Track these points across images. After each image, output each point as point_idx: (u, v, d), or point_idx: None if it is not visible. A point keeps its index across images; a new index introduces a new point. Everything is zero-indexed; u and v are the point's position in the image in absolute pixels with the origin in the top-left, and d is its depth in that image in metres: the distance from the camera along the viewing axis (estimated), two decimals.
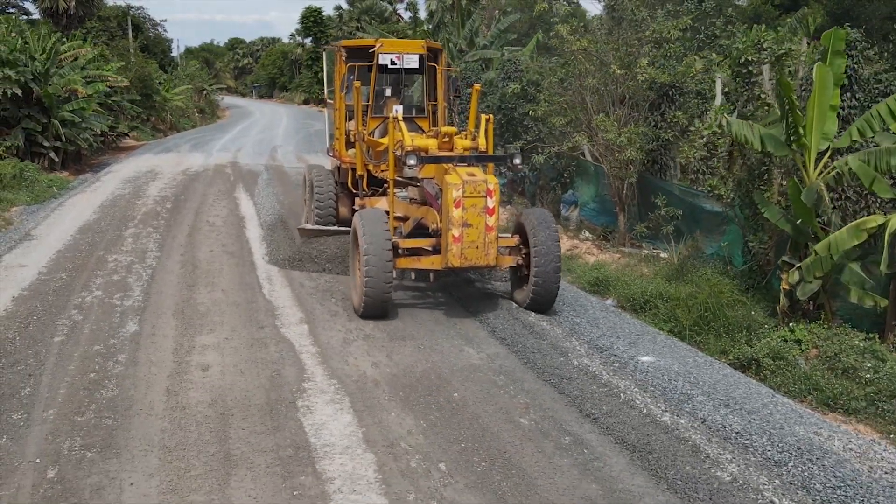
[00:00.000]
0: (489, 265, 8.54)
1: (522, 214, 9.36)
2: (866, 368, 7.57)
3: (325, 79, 13.65)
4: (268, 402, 6.54)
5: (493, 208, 8.39)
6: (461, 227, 8.29)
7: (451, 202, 8.26)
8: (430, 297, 9.90)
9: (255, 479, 5.25)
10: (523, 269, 9.20)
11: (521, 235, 9.23)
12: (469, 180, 8.31)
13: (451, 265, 8.39)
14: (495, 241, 8.48)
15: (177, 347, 7.82)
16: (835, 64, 9.03)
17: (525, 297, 9.10)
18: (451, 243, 8.32)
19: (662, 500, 5.11)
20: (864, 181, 8.51)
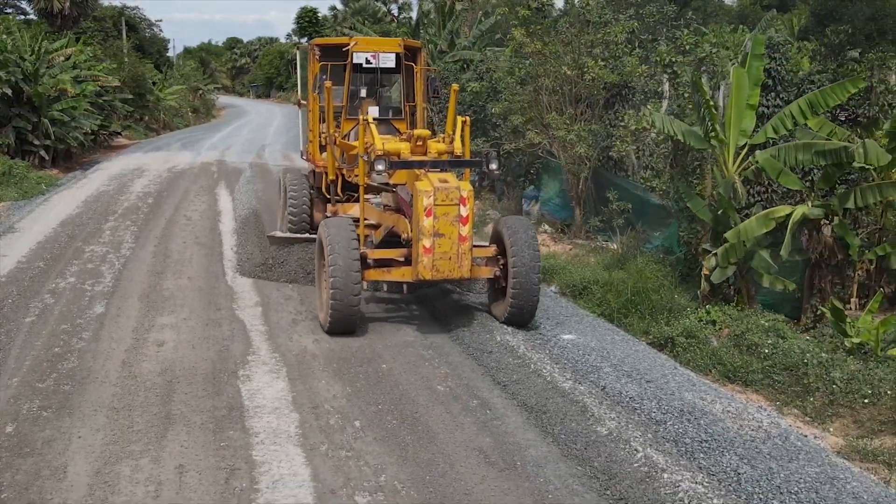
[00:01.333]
0: (463, 277, 8.13)
1: (500, 222, 8.86)
2: (767, 345, 8.27)
3: (298, 79, 13.54)
4: (213, 371, 7.26)
5: (467, 217, 7.94)
6: (432, 237, 7.83)
7: (422, 211, 7.80)
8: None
9: (190, 433, 5.97)
10: (501, 281, 8.70)
11: (499, 244, 8.74)
12: (441, 187, 7.85)
13: (423, 277, 7.95)
14: (469, 252, 8.04)
15: (137, 326, 8.54)
16: (754, 66, 9.72)
17: (503, 312, 8.62)
18: (421, 254, 7.86)
19: (544, 450, 5.83)
20: (771, 175, 9.23)
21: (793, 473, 5.62)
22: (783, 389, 7.65)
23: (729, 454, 5.87)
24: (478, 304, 9.61)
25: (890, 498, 5.44)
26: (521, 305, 8.42)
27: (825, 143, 9.11)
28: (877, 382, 7.26)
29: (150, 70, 46.41)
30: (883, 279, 9.91)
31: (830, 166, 9.22)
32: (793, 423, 7.03)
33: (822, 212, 9.24)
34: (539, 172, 16.88)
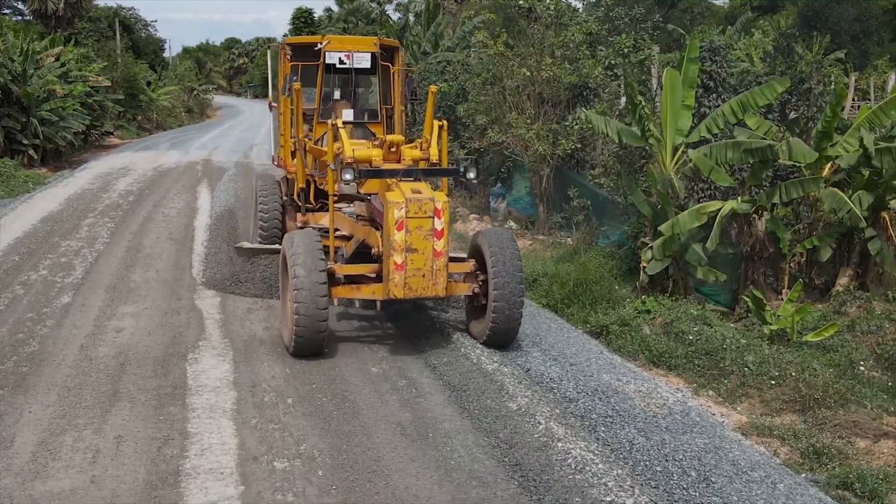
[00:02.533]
0: (438, 296, 7.55)
1: (479, 234, 8.24)
2: (692, 332, 8.77)
3: (270, 80, 12.76)
4: (164, 355, 7.75)
5: (442, 231, 7.43)
6: (404, 252, 7.30)
7: (393, 224, 7.28)
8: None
9: (133, 408, 6.47)
10: (480, 298, 8.15)
11: (478, 259, 8.16)
12: (413, 198, 7.32)
13: (394, 296, 7.39)
14: (444, 269, 7.49)
15: (99, 315, 9.04)
16: (690, 69, 10.22)
17: (482, 332, 8.04)
18: (392, 271, 7.33)
19: (458, 424, 6.33)
20: (703, 171, 9.73)
21: (682, 444, 6.13)
22: (702, 373, 8.16)
23: (628, 428, 6.37)
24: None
25: (765, 464, 5.94)
26: (502, 326, 7.80)
27: (752, 141, 9.61)
28: (784, 365, 7.77)
29: (143, 70, 46.93)
30: (813, 271, 10.43)
31: (757, 163, 9.72)
32: (704, 402, 7.55)
33: (750, 206, 9.74)
34: (510, 171, 17.40)
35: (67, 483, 5.24)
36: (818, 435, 6.67)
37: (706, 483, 5.54)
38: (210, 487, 5.23)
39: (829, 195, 9.64)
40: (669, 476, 5.56)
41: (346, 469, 5.53)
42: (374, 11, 67.05)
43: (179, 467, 5.50)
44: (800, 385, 7.41)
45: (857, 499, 5.77)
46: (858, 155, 9.66)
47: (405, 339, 8.48)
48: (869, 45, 50.34)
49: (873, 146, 9.55)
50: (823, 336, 8.50)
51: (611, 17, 19.10)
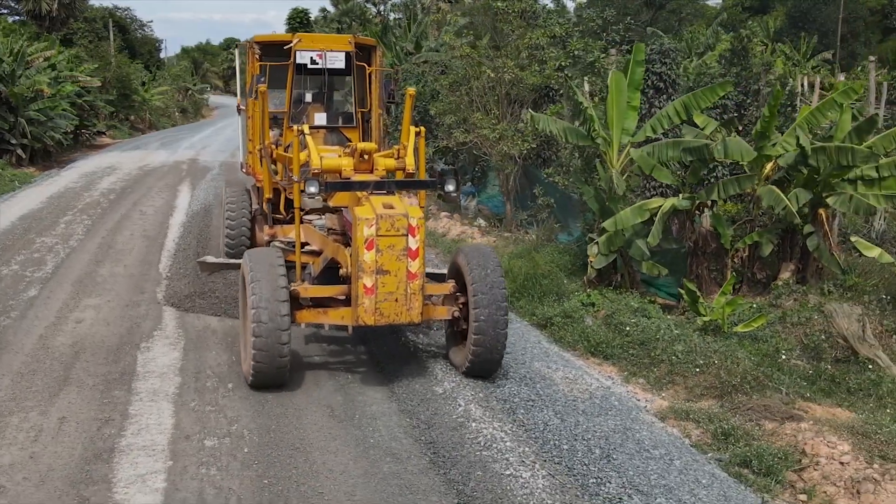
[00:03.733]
0: (412, 322, 6.91)
1: (460, 253, 7.57)
2: (630, 323, 9.15)
3: (238, 81, 12.33)
4: (118, 344, 8.14)
5: (417, 250, 6.74)
6: (374, 274, 6.65)
7: (362, 242, 6.64)
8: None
9: (80, 392, 6.86)
10: (461, 323, 7.45)
11: (458, 279, 7.48)
12: (385, 214, 6.68)
13: (364, 323, 6.76)
14: (420, 292, 6.83)
15: (62, 307, 9.43)
16: (635, 71, 10.59)
17: (462, 361, 7.36)
18: (362, 295, 6.67)
19: (385, 407, 6.72)
20: (645, 170, 10.11)
21: (594, 426, 6.51)
22: (635, 361, 8.53)
23: (546, 411, 6.76)
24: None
25: (669, 444, 6.34)
26: (483, 356, 7.15)
27: (690, 140, 9.99)
28: (710, 354, 8.14)
29: (138, 70, 47.33)
30: (755, 266, 10.81)
31: (696, 161, 10.10)
32: (632, 389, 7.92)
33: (690, 203, 10.12)
34: (484, 170, 17.79)
35: (7, 458, 5.63)
36: (730, 418, 7.03)
37: (607, 459, 5.92)
38: (140, 462, 5.62)
39: (767, 192, 10.01)
40: (574, 453, 5.94)
41: (271, 446, 5.91)
42: (368, 12, 67.41)
43: (115, 445, 5.89)
44: (721, 372, 7.78)
45: (753, 475, 6.13)
46: (796, 154, 10.03)
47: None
48: (856, 46, 50.74)
49: (810, 145, 9.91)
50: (752, 327, 8.87)
51: (583, 20, 19.50)
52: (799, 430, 6.71)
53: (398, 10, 59.53)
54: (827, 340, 8.83)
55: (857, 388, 7.98)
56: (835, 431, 6.59)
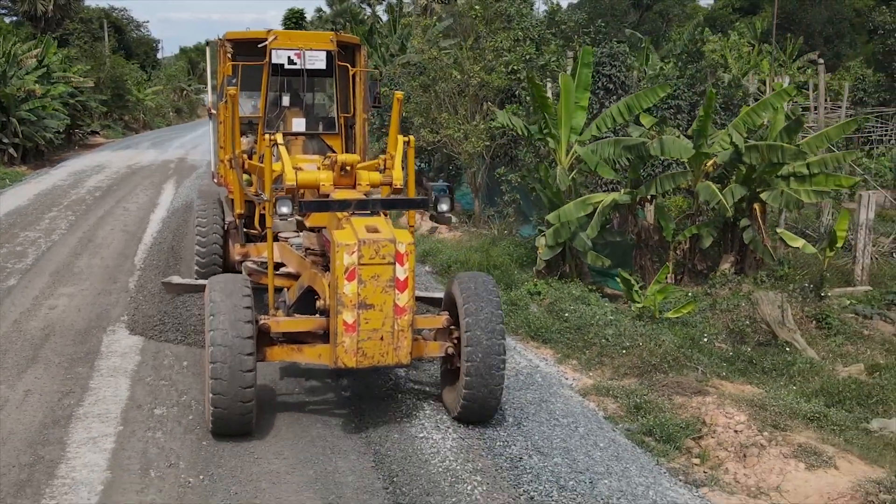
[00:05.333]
0: (400, 363, 6.08)
1: (454, 281, 6.68)
2: (570, 310, 9.76)
3: (208, 82, 11.46)
4: (86, 328, 8.76)
5: (406, 280, 5.91)
6: (356, 308, 5.82)
7: (342, 272, 5.80)
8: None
9: (46, 369, 7.48)
10: (455, 360, 6.58)
11: (453, 311, 6.63)
12: (368, 240, 5.85)
13: (343, 364, 5.91)
14: (409, 329, 5.99)
15: (38, 295, 10.05)
16: (583, 73, 11.21)
17: (454, 404, 6.56)
18: (342, 333, 5.84)
19: (329, 382, 7.34)
20: (590, 166, 10.73)
21: (514, 398, 7.14)
22: (570, 344, 9.15)
23: None
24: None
25: (579, 414, 6.97)
26: (476, 399, 6.34)
27: (628, 139, 10.62)
28: (637, 337, 8.75)
29: (133, 71, 47.91)
30: (696, 257, 11.44)
31: (636, 158, 10.73)
32: (564, 369, 8.54)
33: (630, 198, 10.75)
34: (458, 168, 18.41)
35: None
36: (646, 394, 7.64)
37: (517, 426, 6.55)
38: (93, 427, 6.24)
39: (704, 188, 10.64)
40: (488, 421, 6.56)
41: None
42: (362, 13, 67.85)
43: (72, 413, 6.51)
44: (644, 353, 8.40)
45: (655, 442, 6.75)
46: (731, 152, 10.66)
47: None
48: (841, 47, 51.34)
49: (743, 144, 10.54)
50: (682, 313, 9.49)
51: (555, 22, 20.12)
52: (703, 404, 7.32)
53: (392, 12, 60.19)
54: (751, 325, 9.45)
55: (772, 368, 8.61)
56: (735, 404, 7.21)
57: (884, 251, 13.52)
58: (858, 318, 10.53)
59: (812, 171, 10.71)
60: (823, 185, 10.79)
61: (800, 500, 5.95)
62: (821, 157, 10.73)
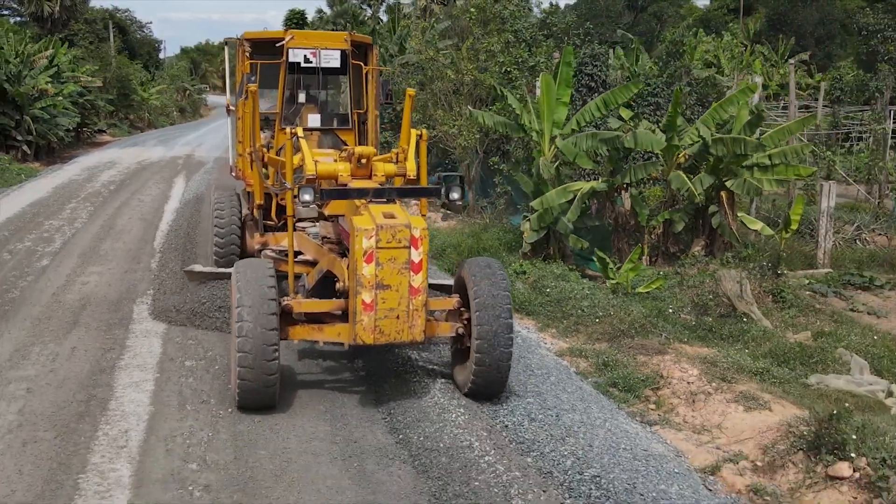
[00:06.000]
0: (415, 341, 6.50)
1: (465, 265, 7.20)
2: (552, 286, 10.81)
3: (227, 80, 12.25)
4: (118, 299, 9.81)
5: (420, 263, 6.37)
6: (374, 289, 6.24)
7: (361, 255, 6.23)
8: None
9: (87, 331, 8.53)
10: (465, 340, 7.01)
11: (463, 294, 7.08)
12: (385, 224, 6.27)
13: (362, 341, 6.35)
14: (423, 308, 6.42)
15: (71, 273, 11.10)
16: (564, 71, 12.25)
17: (465, 381, 7.00)
18: (360, 311, 6.26)
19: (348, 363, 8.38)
20: (569, 157, 11.78)
21: None
22: (550, 316, 10.20)
23: None
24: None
25: (554, 368, 8.02)
26: (485, 376, 6.80)
27: (605, 132, 11.67)
28: (609, 308, 9.81)
29: (137, 71, 48.95)
30: (669, 241, 12.50)
31: (612, 150, 11.78)
32: (544, 336, 9.59)
33: (607, 186, 11.80)
34: (455, 163, 19.47)
35: (33, 372, 7.30)
36: (614, 354, 8.69)
37: None
38: (134, 374, 7.30)
39: (675, 177, 11.70)
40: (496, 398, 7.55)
41: None
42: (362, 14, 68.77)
43: (115, 364, 7.56)
44: (614, 321, 9.45)
45: (618, 392, 7.79)
46: (699, 144, 11.71)
47: None
48: (832, 47, 52.34)
49: (710, 137, 11.59)
50: (651, 288, 10.54)
51: (547, 24, 21.17)
52: (663, 361, 8.37)
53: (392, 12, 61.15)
54: (713, 299, 10.49)
55: (729, 335, 9.65)
56: (690, 361, 8.26)
57: (847, 238, 14.59)
58: (815, 295, 11.60)
59: (773, 162, 11.76)
60: (784, 174, 11.85)
61: (735, 435, 6.99)
62: (781, 149, 11.78)
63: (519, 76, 12.66)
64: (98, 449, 5.79)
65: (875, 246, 14.43)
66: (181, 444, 5.92)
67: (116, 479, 5.36)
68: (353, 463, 5.73)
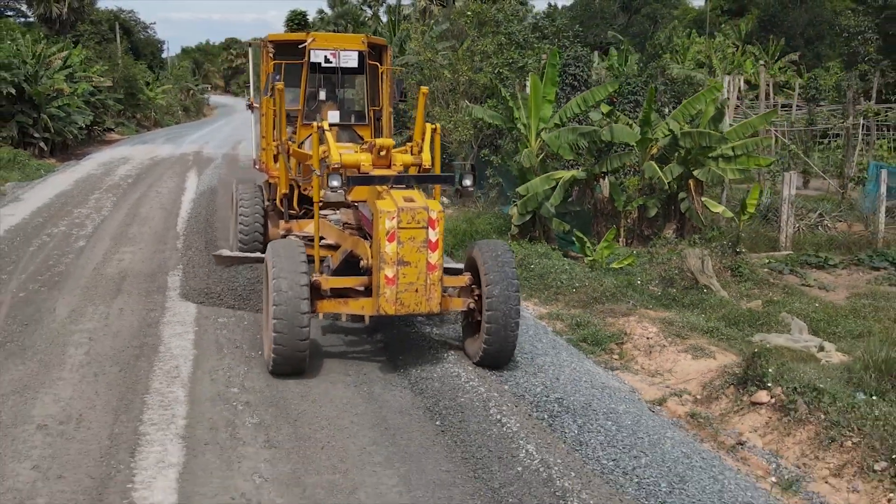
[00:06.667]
0: (432, 312, 7.24)
1: (475, 247, 7.90)
2: (535, 263, 12.14)
3: (251, 79, 13.11)
4: (152, 273, 11.15)
5: (437, 242, 7.06)
6: (396, 265, 6.92)
7: (384, 234, 6.90)
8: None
9: (130, 296, 9.87)
10: (476, 315, 7.73)
11: (474, 273, 7.81)
12: (406, 207, 6.94)
13: (385, 312, 7.06)
14: (439, 283, 7.14)
15: (107, 251, 12.44)
16: (550, 72, 13.57)
17: (476, 351, 7.68)
18: (383, 285, 6.96)
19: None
20: (553, 149, 13.12)
21: None
22: (533, 288, 11.52)
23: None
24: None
25: (534, 327, 9.34)
26: (496, 347, 7.48)
27: (583, 126, 13.01)
28: (585, 280, 11.15)
29: (142, 71, 50.27)
30: (643, 224, 13.84)
31: (590, 143, 13.13)
32: (527, 304, 10.90)
33: (586, 174, 13.14)
34: (452, 157, 20.81)
35: (90, 325, 8.65)
36: (587, 317, 10.02)
37: None
38: (176, 328, 8.63)
39: (648, 166, 13.03)
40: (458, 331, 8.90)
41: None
42: (362, 14, 70.04)
43: (158, 321, 8.90)
44: (589, 291, 10.79)
45: (587, 345, 9.13)
46: (669, 138, 13.04)
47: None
48: (821, 48, 53.69)
49: (679, 131, 12.93)
50: (624, 264, 11.87)
51: (539, 27, 22.51)
52: (628, 322, 9.71)
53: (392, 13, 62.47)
54: (679, 274, 11.81)
55: (690, 303, 10.97)
56: (651, 322, 9.59)
57: (810, 224, 15.92)
58: (773, 272, 12.92)
59: (736, 154, 13.09)
60: (745, 164, 13.18)
61: (682, 377, 8.34)
62: (742, 142, 13.11)
63: (510, 76, 13.95)
64: (156, 378, 7.13)
65: (836, 232, 15.75)
66: (222, 375, 7.26)
67: (174, 398, 6.70)
68: (363, 388, 7.07)
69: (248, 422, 6.29)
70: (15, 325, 8.65)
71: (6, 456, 5.61)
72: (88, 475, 5.37)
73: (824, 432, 6.58)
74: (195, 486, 5.27)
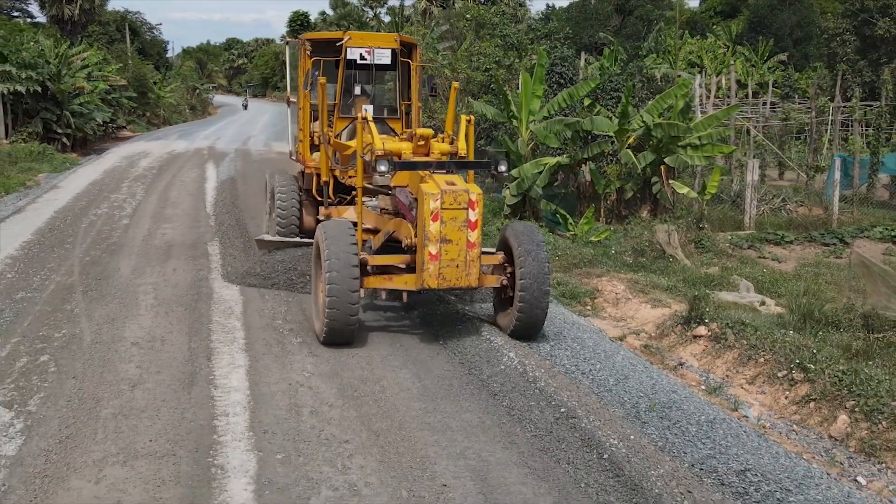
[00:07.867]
0: (471, 286, 7.79)
1: (508, 228, 8.59)
2: None
3: (288, 75, 13.65)
4: (193, 243, 12.93)
5: (476, 222, 7.63)
6: (439, 243, 7.48)
7: (428, 215, 7.45)
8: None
9: (178, 260, 11.66)
10: (508, 291, 8.35)
11: (507, 252, 8.43)
12: (448, 190, 7.49)
13: (428, 286, 7.61)
14: (478, 260, 7.71)
15: (150, 227, 14.24)
16: (539, 70, 15.34)
17: (508, 323, 8.29)
18: (427, 261, 7.52)
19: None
20: (541, 139, 14.90)
21: None
22: None
23: None
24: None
25: None
26: (527, 318, 8.08)
27: (568, 118, 14.79)
28: (566, 250, 12.93)
29: (150, 70, 52.02)
30: (622, 206, 15.62)
31: (574, 133, 14.91)
32: None
33: (570, 160, 14.93)
34: None
35: (152, 280, 10.44)
36: (566, 279, 11.79)
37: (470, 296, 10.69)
38: (223, 282, 10.41)
39: (625, 154, 14.81)
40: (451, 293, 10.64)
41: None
42: (364, 15, 71.75)
43: (207, 276, 10.70)
44: (569, 258, 12.57)
45: (565, 300, 10.90)
46: (643, 129, 14.82)
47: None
48: (809, 48, 55.54)
49: (652, 122, 14.70)
50: (601, 237, 13.64)
51: (532, 29, 24.32)
52: (600, 282, 11.49)
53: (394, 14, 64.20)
54: (649, 246, 13.59)
55: (656, 269, 12.73)
56: (620, 280, 11.37)
57: (774, 207, 17.71)
58: (734, 247, 14.70)
59: (702, 143, 14.87)
60: (710, 152, 14.96)
61: (642, 321, 10.11)
62: (708, 132, 14.90)
63: (504, 74, 15.68)
64: (216, 313, 8.93)
65: (796, 214, 17.53)
66: (268, 312, 9.06)
67: (233, 327, 8.50)
68: (382, 322, 8.84)
69: (293, 341, 8.08)
70: (90, 279, 10.44)
71: (115, 360, 7.40)
72: (180, 371, 7.16)
73: (745, 354, 8.36)
74: (260, 377, 7.06)
